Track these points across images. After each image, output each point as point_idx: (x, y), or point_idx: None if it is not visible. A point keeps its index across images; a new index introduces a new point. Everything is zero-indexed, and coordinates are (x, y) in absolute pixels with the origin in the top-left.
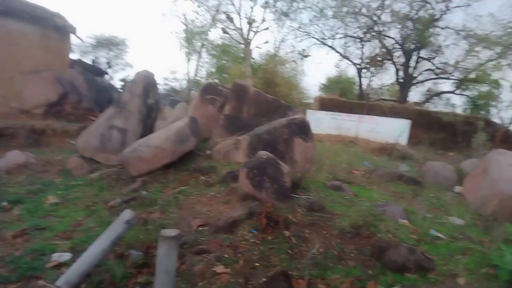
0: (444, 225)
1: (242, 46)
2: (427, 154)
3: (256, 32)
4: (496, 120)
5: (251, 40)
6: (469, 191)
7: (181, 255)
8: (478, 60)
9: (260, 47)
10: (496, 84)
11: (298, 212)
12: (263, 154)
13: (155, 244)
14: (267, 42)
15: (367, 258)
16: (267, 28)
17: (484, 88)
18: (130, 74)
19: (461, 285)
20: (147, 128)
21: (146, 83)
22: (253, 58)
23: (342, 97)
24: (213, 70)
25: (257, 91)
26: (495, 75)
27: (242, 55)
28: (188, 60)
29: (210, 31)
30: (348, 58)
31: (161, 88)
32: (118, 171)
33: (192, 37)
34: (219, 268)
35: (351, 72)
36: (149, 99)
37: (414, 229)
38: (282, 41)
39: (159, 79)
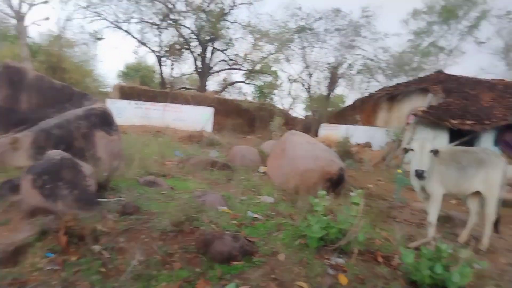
0: (258, 205)
1: (14, 21)
2: (231, 139)
3: (31, 5)
4: (279, 106)
5: (25, 14)
6: (272, 170)
7: None
8: (262, 53)
9: (39, 24)
10: (275, 75)
11: (108, 219)
12: (56, 154)
13: None
14: (47, 18)
15: (193, 256)
16: (46, 2)
17: (268, 78)
18: None
19: (282, 261)
20: None
21: None
22: (30, 37)
23: (143, 85)
24: None
25: (39, 75)
26: (275, 67)
27: (14, 32)
28: None
29: None
30: (146, 45)
31: None
32: None
33: None
34: None
35: (151, 59)
36: None
37: (234, 214)
38: (68, 20)
39: None
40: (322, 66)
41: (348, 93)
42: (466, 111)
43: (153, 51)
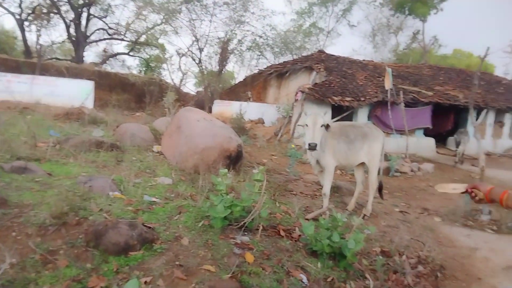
0: (155, 188)
1: None
2: (117, 116)
3: None
4: (169, 81)
5: None
6: (168, 149)
7: None
8: (147, 24)
9: None
10: (163, 48)
11: None
12: None
13: None
14: None
15: (83, 250)
16: None
17: (155, 51)
18: None
19: (186, 245)
20: None
21: None
22: None
23: (1, 54)
24: None
25: None
26: (162, 40)
27: None
28: None
29: None
30: (1, 5)
31: None
32: None
33: None
34: None
35: (9, 23)
36: None
37: (129, 199)
38: None
39: None
40: (212, 41)
41: (238, 70)
42: (345, 89)
43: (11, 13)
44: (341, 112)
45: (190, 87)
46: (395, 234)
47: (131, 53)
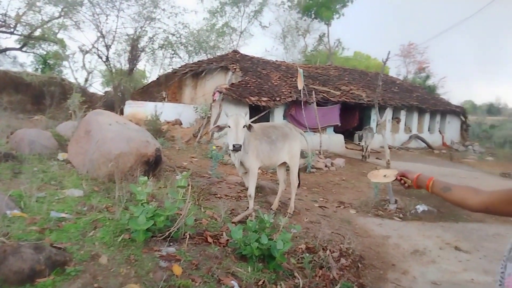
0: (64, 201)
1: None
2: (10, 121)
3: None
4: (73, 80)
5: None
6: (76, 157)
7: None
8: (42, 16)
9: None
10: (63, 44)
11: None
12: None
13: None
14: None
15: None
16: None
17: (53, 47)
18: None
19: (105, 264)
20: None
21: None
22: None
23: None
24: None
25: None
26: (61, 35)
27: None
28: None
29: None
30: None
31: None
32: None
33: None
34: None
35: None
36: None
37: (32, 217)
38: None
39: None
40: (120, 38)
41: (151, 69)
42: (261, 89)
43: None
44: (258, 112)
45: (97, 87)
46: (318, 229)
47: (24, 49)
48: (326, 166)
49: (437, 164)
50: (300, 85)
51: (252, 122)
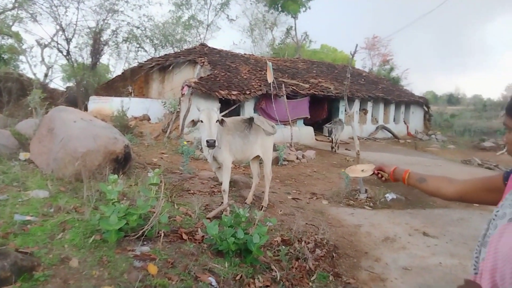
0: (28, 204)
1: None
2: None
3: None
4: (31, 75)
5: None
6: (39, 156)
7: None
8: None
9: None
10: (18, 37)
11: None
12: None
13: None
14: None
15: None
16: None
17: (7, 41)
18: None
19: (76, 267)
20: None
21: None
22: None
23: None
24: None
25: None
26: (16, 27)
27: None
28: None
29: None
30: None
31: None
32: None
33: None
34: None
35: None
36: None
37: None
38: None
39: None
40: (82, 31)
41: (115, 63)
42: (231, 83)
43: None
44: (228, 106)
45: (58, 83)
46: (292, 221)
47: None
48: (297, 158)
49: (403, 153)
50: (270, 78)
51: (223, 116)
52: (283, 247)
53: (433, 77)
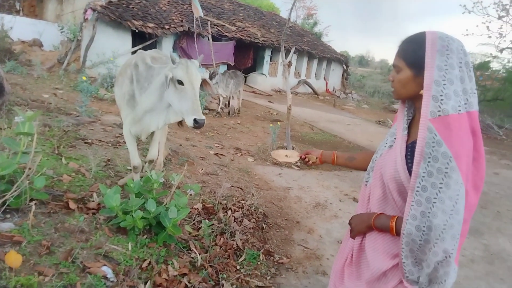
0: None
1: None
2: None
3: None
4: None
5: None
6: None
7: None
8: None
9: None
10: None
11: None
12: None
13: None
14: None
15: None
16: None
17: None
18: None
19: None
20: None
21: None
22: None
23: None
24: None
25: None
26: None
27: None
28: None
29: None
30: None
31: None
32: None
33: None
34: None
35: None
36: None
37: None
38: None
39: None
40: None
41: None
42: (147, 13)
43: None
44: (143, 40)
45: None
46: (215, 183)
47: None
48: (220, 108)
49: (324, 110)
50: (197, 12)
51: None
52: (206, 221)
53: (349, 38)
